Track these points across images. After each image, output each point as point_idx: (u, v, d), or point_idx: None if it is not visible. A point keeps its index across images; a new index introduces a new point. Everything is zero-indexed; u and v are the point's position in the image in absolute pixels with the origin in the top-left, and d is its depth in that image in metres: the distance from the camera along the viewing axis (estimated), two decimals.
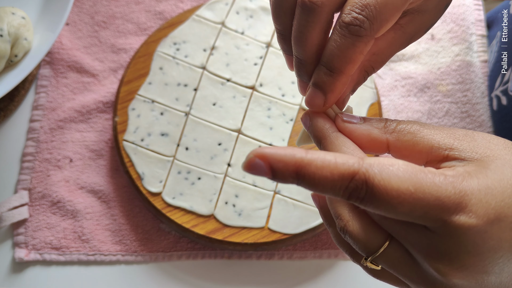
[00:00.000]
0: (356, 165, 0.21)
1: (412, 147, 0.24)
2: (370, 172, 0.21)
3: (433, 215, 0.21)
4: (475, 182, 0.21)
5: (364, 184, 0.21)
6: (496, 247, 0.21)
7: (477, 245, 0.21)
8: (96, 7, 0.57)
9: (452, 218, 0.21)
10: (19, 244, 0.48)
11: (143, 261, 0.48)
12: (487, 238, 0.21)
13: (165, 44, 0.52)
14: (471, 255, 0.21)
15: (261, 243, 0.45)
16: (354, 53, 0.24)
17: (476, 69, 0.55)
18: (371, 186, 0.21)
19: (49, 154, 0.51)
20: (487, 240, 0.21)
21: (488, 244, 0.21)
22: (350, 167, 0.21)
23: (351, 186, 0.21)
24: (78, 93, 0.54)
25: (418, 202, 0.21)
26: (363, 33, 0.24)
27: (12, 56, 0.48)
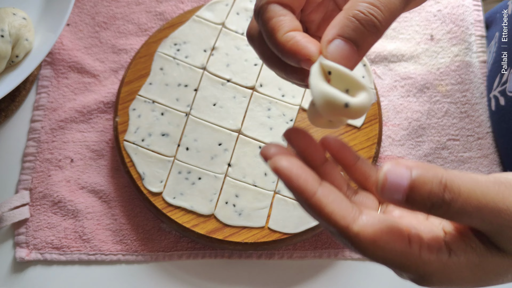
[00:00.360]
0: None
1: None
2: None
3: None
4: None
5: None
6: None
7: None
8: (97, 7, 0.57)
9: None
10: (20, 244, 0.48)
11: (143, 261, 0.48)
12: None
13: (166, 45, 0.53)
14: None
15: (261, 243, 0.46)
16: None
17: (475, 69, 0.56)
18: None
19: (50, 154, 0.51)
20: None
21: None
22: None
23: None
24: (79, 94, 0.54)
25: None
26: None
27: (13, 56, 0.48)
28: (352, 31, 0.24)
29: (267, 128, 0.50)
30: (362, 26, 0.24)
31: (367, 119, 0.50)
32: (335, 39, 0.24)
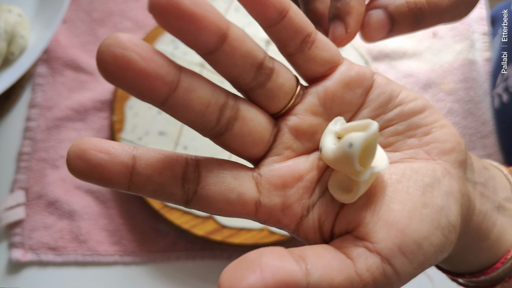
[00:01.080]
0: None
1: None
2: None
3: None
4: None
5: None
6: None
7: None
8: (93, 4, 0.57)
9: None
10: (15, 245, 0.47)
11: (141, 262, 0.47)
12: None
13: (163, 42, 0.52)
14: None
15: (261, 244, 0.45)
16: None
17: (479, 67, 0.55)
18: None
19: (46, 153, 0.50)
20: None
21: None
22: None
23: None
24: (75, 92, 0.53)
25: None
26: None
27: (8, 54, 0.47)
28: (396, 10, 0.24)
29: None
30: (407, 12, 0.24)
31: None
32: (379, 8, 0.24)
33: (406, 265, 0.19)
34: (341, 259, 0.19)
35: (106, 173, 0.18)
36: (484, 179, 0.24)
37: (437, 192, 0.20)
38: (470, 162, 0.24)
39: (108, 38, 0.17)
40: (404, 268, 0.19)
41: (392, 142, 0.23)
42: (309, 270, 0.17)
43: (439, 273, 0.47)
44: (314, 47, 0.22)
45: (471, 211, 0.23)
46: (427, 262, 0.20)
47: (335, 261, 0.18)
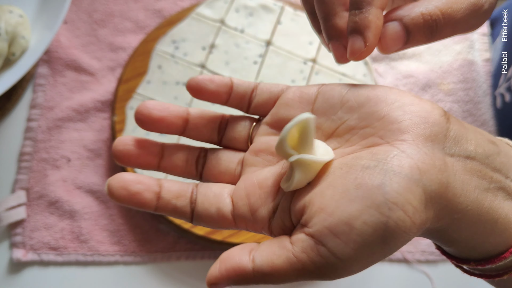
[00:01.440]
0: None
1: None
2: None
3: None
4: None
5: None
6: None
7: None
8: (94, 5, 0.57)
9: None
10: (16, 245, 0.47)
11: (141, 262, 0.47)
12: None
13: (164, 43, 0.52)
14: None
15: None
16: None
17: (478, 67, 0.55)
18: None
19: (47, 154, 0.50)
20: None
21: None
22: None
23: None
24: (76, 92, 0.53)
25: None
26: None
27: (9, 54, 0.47)
28: (411, 22, 0.25)
29: None
30: (422, 24, 0.25)
31: None
32: (395, 20, 0.25)
33: (341, 245, 0.20)
34: (283, 245, 0.22)
35: (142, 199, 0.24)
36: (485, 154, 0.23)
37: (375, 172, 0.21)
38: (457, 134, 0.23)
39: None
40: (340, 249, 0.20)
41: (347, 139, 0.24)
42: (255, 257, 0.22)
43: (438, 273, 0.48)
44: (257, 96, 0.27)
45: (451, 187, 0.21)
46: (371, 244, 0.20)
47: (278, 248, 0.22)
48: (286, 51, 0.52)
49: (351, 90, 0.24)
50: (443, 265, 0.48)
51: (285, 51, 0.52)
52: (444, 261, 0.48)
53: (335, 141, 0.24)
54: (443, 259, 0.48)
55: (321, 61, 0.52)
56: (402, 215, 0.20)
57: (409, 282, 0.47)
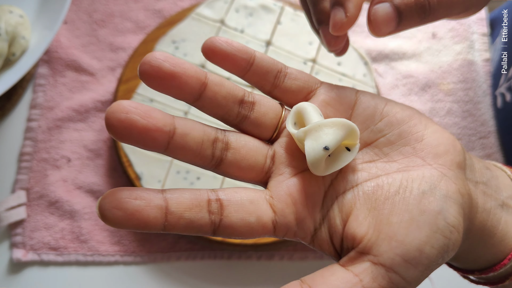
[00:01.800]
0: None
1: None
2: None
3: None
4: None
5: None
6: None
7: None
8: (94, 5, 0.57)
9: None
10: (16, 245, 0.47)
11: (141, 262, 0.48)
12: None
13: (164, 43, 0.52)
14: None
15: (261, 244, 0.45)
16: None
17: (478, 67, 0.55)
18: None
19: (47, 154, 0.50)
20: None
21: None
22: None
23: None
24: (76, 92, 0.53)
25: None
26: None
27: (9, 54, 0.47)
28: (402, 3, 0.24)
29: None
30: (414, 4, 0.24)
31: None
32: (385, 1, 0.24)
33: (411, 270, 0.21)
34: (348, 279, 0.21)
35: (143, 218, 0.20)
36: (486, 179, 0.25)
37: (433, 197, 0.22)
38: (470, 162, 0.25)
39: (111, 106, 0.20)
40: (410, 274, 0.21)
41: (387, 153, 0.24)
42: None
43: (438, 274, 0.48)
44: (287, 79, 0.25)
45: (474, 209, 0.24)
46: (433, 264, 0.21)
47: (342, 283, 0.20)
48: (286, 51, 0.52)
49: (389, 104, 0.25)
50: (442, 265, 0.48)
51: (285, 51, 0.52)
52: None
53: (372, 151, 0.24)
54: None
55: (321, 61, 0.52)
56: (458, 236, 0.22)
57: None
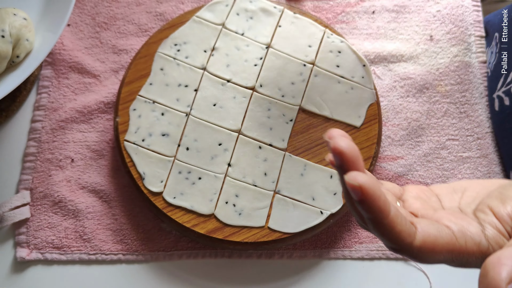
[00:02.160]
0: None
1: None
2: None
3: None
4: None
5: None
6: None
7: None
8: (97, 8, 0.58)
9: None
10: (20, 244, 0.48)
11: (144, 261, 0.48)
12: None
13: (166, 45, 0.53)
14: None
15: (261, 242, 0.46)
16: None
17: (475, 69, 0.56)
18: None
19: (51, 154, 0.51)
20: None
21: None
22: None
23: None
24: (80, 94, 0.54)
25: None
26: None
27: (13, 57, 0.48)
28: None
29: (267, 128, 0.50)
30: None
31: (366, 119, 0.50)
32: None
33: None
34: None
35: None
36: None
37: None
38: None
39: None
40: None
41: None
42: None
43: (436, 271, 0.48)
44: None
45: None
46: None
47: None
48: (285, 54, 0.53)
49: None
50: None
51: (284, 53, 0.53)
52: None
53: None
54: None
55: (320, 64, 0.52)
56: None
57: (407, 280, 0.48)
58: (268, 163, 0.48)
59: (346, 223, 0.50)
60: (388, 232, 0.25)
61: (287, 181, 0.48)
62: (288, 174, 0.48)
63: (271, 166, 0.48)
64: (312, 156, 0.49)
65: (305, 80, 0.52)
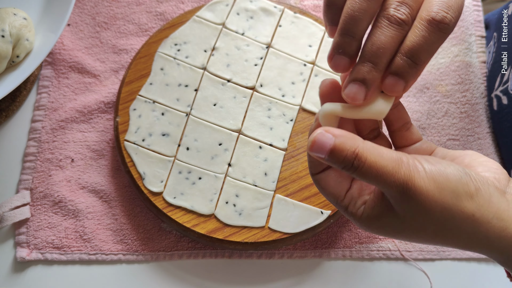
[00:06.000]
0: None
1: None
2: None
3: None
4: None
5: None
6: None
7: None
8: (97, 8, 0.58)
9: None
10: (20, 244, 0.48)
11: (144, 261, 0.48)
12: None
13: (166, 45, 0.53)
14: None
15: (262, 243, 0.46)
16: (437, 48, 0.28)
17: (475, 69, 0.56)
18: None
19: (51, 154, 0.51)
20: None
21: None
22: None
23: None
24: (80, 94, 0.54)
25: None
26: (449, 31, 0.28)
27: (13, 56, 0.48)
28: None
29: (267, 128, 0.50)
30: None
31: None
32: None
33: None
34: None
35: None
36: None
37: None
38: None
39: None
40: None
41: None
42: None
43: (436, 271, 0.48)
44: (408, 131, 0.33)
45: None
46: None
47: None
48: (286, 54, 0.53)
49: (457, 152, 0.33)
50: (440, 263, 0.49)
51: (285, 53, 0.53)
52: (441, 259, 0.49)
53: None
54: (440, 257, 0.49)
55: (320, 64, 0.52)
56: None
57: (407, 280, 0.48)
58: (268, 163, 0.48)
59: (346, 223, 0.49)
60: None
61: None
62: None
63: (271, 166, 0.48)
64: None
65: (305, 80, 0.52)
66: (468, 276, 0.48)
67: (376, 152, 0.27)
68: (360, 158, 0.27)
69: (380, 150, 0.28)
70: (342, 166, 0.28)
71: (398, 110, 0.33)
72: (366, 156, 0.27)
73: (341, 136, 0.27)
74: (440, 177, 0.27)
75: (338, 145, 0.27)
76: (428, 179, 0.27)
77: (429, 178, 0.27)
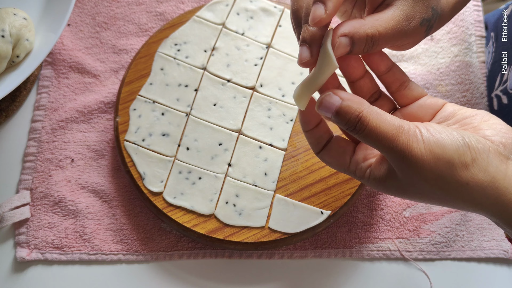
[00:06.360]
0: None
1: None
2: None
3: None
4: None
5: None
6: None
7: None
8: (97, 8, 0.58)
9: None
10: (20, 244, 0.48)
11: (144, 261, 0.48)
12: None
13: (166, 45, 0.53)
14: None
15: (262, 243, 0.46)
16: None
17: (476, 69, 0.56)
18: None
19: (51, 154, 0.51)
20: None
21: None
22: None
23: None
24: (80, 94, 0.54)
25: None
26: None
27: (13, 57, 0.48)
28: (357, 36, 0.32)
29: (267, 128, 0.50)
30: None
31: None
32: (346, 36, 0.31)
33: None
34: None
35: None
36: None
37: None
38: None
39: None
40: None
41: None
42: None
43: (436, 271, 0.48)
44: (407, 89, 0.35)
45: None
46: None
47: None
48: (286, 54, 0.53)
49: (464, 109, 0.34)
50: (440, 263, 0.49)
51: (285, 53, 0.53)
52: (441, 259, 0.49)
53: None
54: (440, 257, 0.49)
55: None
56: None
57: (407, 280, 0.48)
58: (268, 163, 0.48)
59: (346, 223, 0.49)
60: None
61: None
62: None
63: (271, 166, 0.48)
64: (313, 155, 0.49)
65: None
66: (468, 276, 0.48)
67: (379, 117, 0.29)
68: (363, 122, 0.29)
69: (384, 116, 0.29)
70: (346, 127, 0.30)
71: (393, 72, 0.34)
72: (369, 120, 0.29)
73: (348, 100, 0.30)
74: (437, 148, 0.29)
75: (344, 107, 0.29)
76: (425, 149, 0.29)
77: (426, 149, 0.29)
